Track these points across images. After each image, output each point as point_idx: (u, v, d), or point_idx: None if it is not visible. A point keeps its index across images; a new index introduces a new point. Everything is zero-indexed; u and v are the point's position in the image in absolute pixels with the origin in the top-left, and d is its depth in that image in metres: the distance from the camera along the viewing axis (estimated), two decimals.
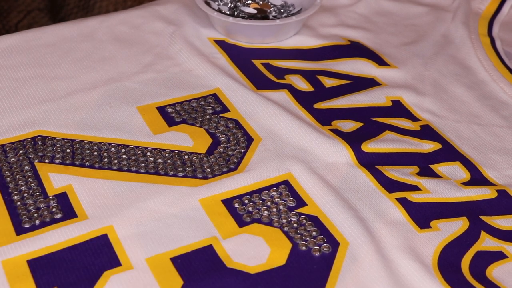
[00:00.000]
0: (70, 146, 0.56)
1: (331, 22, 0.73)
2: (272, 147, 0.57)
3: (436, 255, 0.48)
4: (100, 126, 0.58)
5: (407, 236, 0.49)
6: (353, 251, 0.48)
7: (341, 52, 0.68)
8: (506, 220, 0.51)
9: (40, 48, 0.67)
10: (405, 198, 0.52)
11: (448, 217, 0.51)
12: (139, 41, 0.69)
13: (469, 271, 0.47)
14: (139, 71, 0.65)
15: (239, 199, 0.52)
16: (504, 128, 0.60)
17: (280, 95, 0.62)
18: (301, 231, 0.49)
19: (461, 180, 0.55)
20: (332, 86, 0.64)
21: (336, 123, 0.60)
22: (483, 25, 0.73)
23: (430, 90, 0.64)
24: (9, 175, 0.53)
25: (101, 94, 0.62)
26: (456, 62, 0.68)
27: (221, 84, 0.63)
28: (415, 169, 0.55)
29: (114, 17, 0.72)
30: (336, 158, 0.56)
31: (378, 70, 0.66)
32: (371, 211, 0.51)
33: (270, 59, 0.67)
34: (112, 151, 0.56)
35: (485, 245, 0.49)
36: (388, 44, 0.71)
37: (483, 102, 0.63)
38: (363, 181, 0.54)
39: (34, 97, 0.61)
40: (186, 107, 0.61)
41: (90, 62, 0.66)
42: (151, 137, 0.57)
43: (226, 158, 0.56)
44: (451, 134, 0.59)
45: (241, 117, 0.60)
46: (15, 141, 0.56)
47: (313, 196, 0.52)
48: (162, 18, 0.72)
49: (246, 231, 0.49)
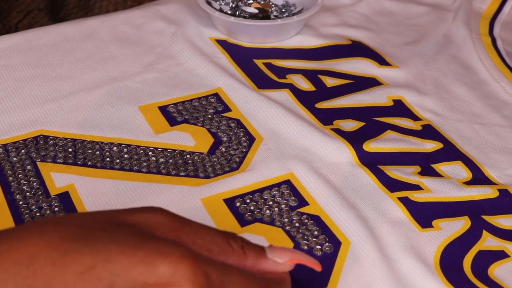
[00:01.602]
0: (72, 145, 0.56)
1: (333, 22, 0.73)
2: (274, 146, 0.57)
3: (438, 254, 0.48)
4: (102, 125, 0.58)
5: (409, 235, 0.49)
6: (355, 251, 0.48)
7: (343, 52, 0.68)
8: (507, 220, 0.51)
9: (41, 48, 0.67)
10: (407, 197, 0.52)
11: (450, 217, 0.51)
12: (141, 41, 0.69)
13: (471, 270, 0.47)
14: (140, 71, 0.65)
15: (241, 199, 0.52)
16: (505, 128, 0.60)
17: (281, 95, 0.62)
18: (303, 231, 0.49)
19: (463, 180, 0.55)
20: (334, 86, 0.64)
21: (337, 122, 0.60)
22: (484, 24, 0.73)
23: (432, 90, 0.64)
24: (11, 175, 0.53)
25: (103, 93, 0.62)
26: (457, 62, 0.68)
27: (222, 84, 0.63)
28: (417, 168, 0.55)
29: (115, 16, 0.72)
30: (338, 157, 0.56)
31: (380, 70, 0.66)
32: (373, 210, 0.51)
33: (272, 59, 0.67)
34: (114, 151, 0.56)
35: (487, 245, 0.49)
36: (389, 43, 0.71)
37: (485, 101, 0.63)
38: (365, 180, 0.54)
39: (36, 97, 0.61)
40: (188, 106, 0.61)
41: (91, 62, 0.66)
42: (153, 137, 0.57)
43: (228, 158, 0.56)
44: (452, 134, 0.59)
45: (243, 117, 0.60)
46: (17, 141, 0.56)
47: (315, 195, 0.52)
48: (163, 17, 0.72)
49: (248, 231, 0.49)
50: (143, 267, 0.34)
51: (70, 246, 0.34)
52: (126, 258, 0.34)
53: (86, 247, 0.34)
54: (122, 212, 0.37)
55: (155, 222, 0.37)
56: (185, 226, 0.37)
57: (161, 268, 0.34)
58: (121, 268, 0.34)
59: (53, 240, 0.34)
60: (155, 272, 0.34)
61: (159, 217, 0.37)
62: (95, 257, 0.34)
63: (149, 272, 0.34)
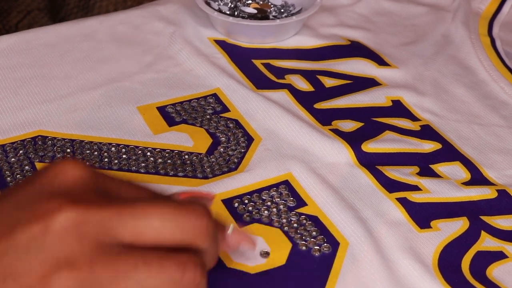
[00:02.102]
0: (70, 146, 0.56)
1: (331, 22, 0.73)
2: (272, 147, 0.57)
3: (436, 255, 0.48)
4: (100, 126, 0.58)
5: (407, 236, 0.49)
6: (353, 251, 0.48)
7: (341, 52, 0.68)
8: (506, 220, 0.51)
9: (40, 48, 0.67)
10: (405, 198, 0.52)
11: (448, 217, 0.51)
12: (139, 41, 0.69)
13: (469, 271, 0.47)
14: (139, 71, 0.65)
15: (239, 199, 0.52)
16: (504, 128, 0.60)
17: (280, 95, 0.62)
18: (301, 231, 0.49)
19: (461, 180, 0.55)
20: (332, 86, 0.64)
21: (336, 123, 0.60)
22: (483, 25, 0.73)
23: (430, 90, 0.64)
24: (9, 175, 0.53)
25: (101, 94, 0.62)
26: (456, 62, 0.68)
27: (221, 84, 0.63)
28: (415, 169, 0.55)
29: (114, 17, 0.72)
30: (336, 158, 0.56)
31: (378, 70, 0.66)
32: (371, 211, 0.51)
33: (270, 59, 0.67)
34: (112, 151, 0.56)
35: (485, 245, 0.49)
36: (388, 44, 0.71)
37: (483, 102, 0.63)
38: (363, 181, 0.54)
39: (34, 97, 0.61)
40: (186, 107, 0.61)
41: (90, 62, 0.66)
42: (151, 137, 0.57)
43: (227, 158, 0.56)
44: (451, 134, 0.59)
45: (241, 117, 0.60)
46: (15, 141, 0.56)
47: (313, 196, 0.52)
48: (162, 18, 0.72)
49: (246, 231, 0.49)
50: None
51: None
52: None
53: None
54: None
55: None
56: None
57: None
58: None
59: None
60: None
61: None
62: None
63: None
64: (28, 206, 0.34)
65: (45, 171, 0.36)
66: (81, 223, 0.33)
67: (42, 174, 0.36)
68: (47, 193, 0.34)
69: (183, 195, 0.40)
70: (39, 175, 0.36)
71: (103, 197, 0.35)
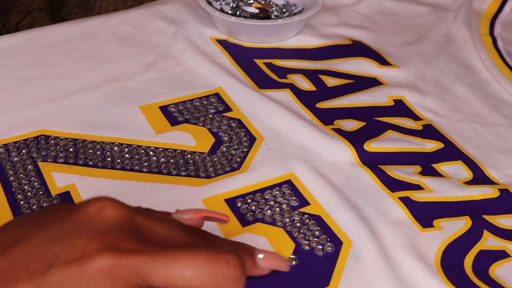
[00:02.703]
0: (73, 145, 0.56)
1: (333, 22, 0.73)
2: (275, 146, 0.57)
3: (439, 254, 0.48)
4: (103, 125, 0.58)
5: (410, 235, 0.49)
6: (356, 250, 0.48)
7: (343, 52, 0.69)
8: (508, 219, 0.51)
9: (42, 47, 0.67)
10: (407, 197, 0.52)
11: (451, 216, 0.51)
12: (142, 41, 0.69)
13: (472, 270, 0.47)
14: (141, 71, 0.65)
15: (242, 199, 0.52)
16: (506, 128, 0.60)
17: (282, 95, 0.62)
18: (304, 231, 0.49)
19: (464, 179, 0.55)
20: (335, 86, 0.64)
21: (338, 122, 0.60)
22: (485, 24, 0.73)
23: (432, 90, 0.64)
24: (12, 175, 0.53)
25: (104, 93, 0.62)
26: (458, 62, 0.68)
27: (223, 84, 0.63)
28: (418, 168, 0.55)
29: (116, 16, 0.72)
30: (338, 157, 0.56)
31: (380, 70, 0.66)
32: (374, 210, 0.51)
33: (272, 59, 0.67)
34: (115, 150, 0.56)
35: (487, 244, 0.49)
36: (390, 43, 0.71)
37: (485, 101, 0.63)
38: (365, 180, 0.54)
39: (37, 97, 0.61)
40: (188, 106, 0.61)
41: (92, 62, 0.66)
42: (154, 137, 0.57)
43: (229, 158, 0.56)
44: (453, 134, 0.59)
45: (243, 117, 0.60)
46: (18, 141, 0.56)
47: (316, 195, 0.52)
48: (164, 17, 0.72)
49: (249, 231, 0.49)
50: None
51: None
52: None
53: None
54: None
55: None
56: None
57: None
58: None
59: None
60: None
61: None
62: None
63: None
64: (65, 243, 0.35)
65: (83, 208, 0.37)
66: (116, 267, 0.35)
67: (80, 210, 0.37)
68: (85, 233, 0.36)
69: (197, 214, 0.42)
70: (77, 210, 0.37)
71: (137, 240, 0.36)
